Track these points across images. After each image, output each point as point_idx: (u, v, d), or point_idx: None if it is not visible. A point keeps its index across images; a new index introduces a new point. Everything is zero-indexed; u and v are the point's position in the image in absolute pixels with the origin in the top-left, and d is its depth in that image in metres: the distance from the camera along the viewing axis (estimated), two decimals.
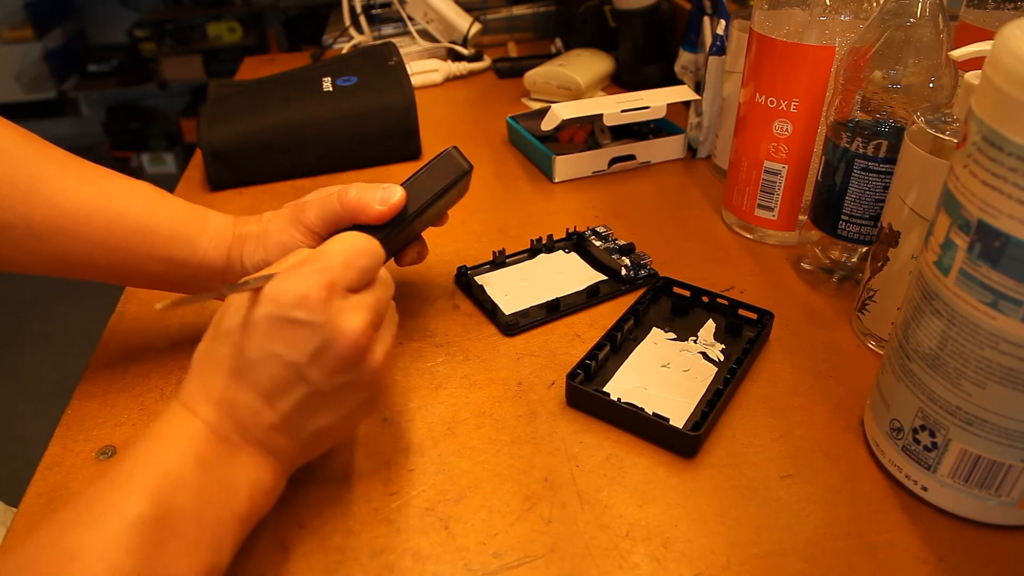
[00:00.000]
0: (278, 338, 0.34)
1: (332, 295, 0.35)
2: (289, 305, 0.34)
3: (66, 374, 1.93)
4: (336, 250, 0.37)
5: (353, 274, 0.36)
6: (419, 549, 0.39)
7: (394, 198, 0.44)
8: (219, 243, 0.46)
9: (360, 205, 0.44)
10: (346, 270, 0.36)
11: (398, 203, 0.44)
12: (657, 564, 0.38)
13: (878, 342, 0.51)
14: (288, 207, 0.47)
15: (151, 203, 0.45)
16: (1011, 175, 0.30)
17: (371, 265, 0.38)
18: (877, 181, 0.51)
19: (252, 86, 0.84)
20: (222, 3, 2.83)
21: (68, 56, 3.00)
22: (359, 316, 0.35)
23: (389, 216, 0.44)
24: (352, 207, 0.44)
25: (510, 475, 0.43)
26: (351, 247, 0.37)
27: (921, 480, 0.40)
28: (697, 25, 0.84)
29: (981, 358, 0.34)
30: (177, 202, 0.47)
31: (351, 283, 0.36)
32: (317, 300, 0.34)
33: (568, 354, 0.52)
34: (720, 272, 0.60)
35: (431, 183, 0.46)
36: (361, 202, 0.44)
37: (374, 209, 0.44)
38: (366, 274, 0.37)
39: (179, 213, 0.46)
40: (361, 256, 0.37)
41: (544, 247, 0.63)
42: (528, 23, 1.19)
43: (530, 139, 0.79)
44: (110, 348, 0.53)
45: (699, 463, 0.43)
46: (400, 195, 0.44)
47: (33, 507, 0.41)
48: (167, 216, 0.45)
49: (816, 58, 0.55)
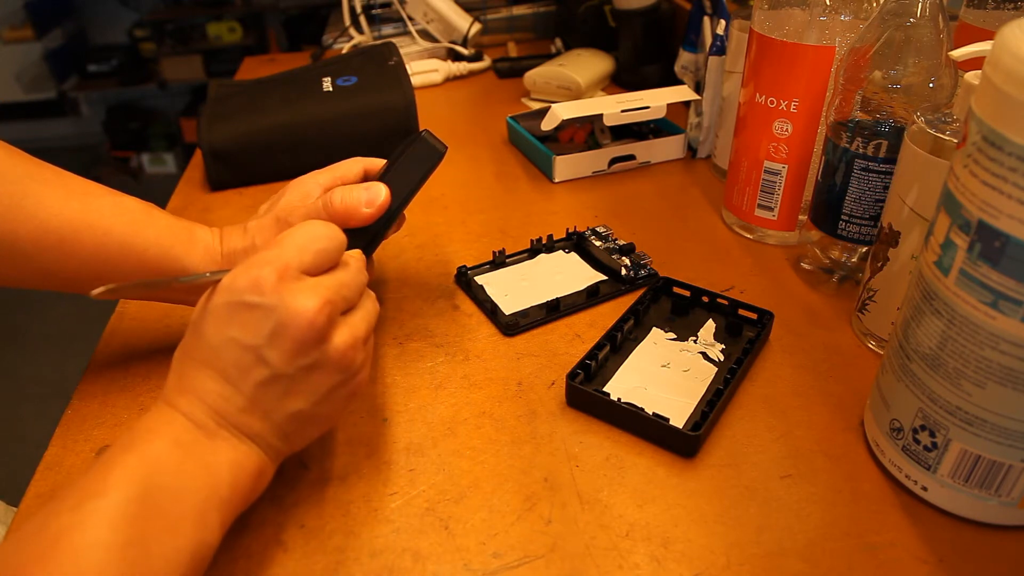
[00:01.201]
0: (234, 323, 0.35)
1: (284, 278, 0.35)
2: (242, 290, 0.35)
3: (66, 374, 1.93)
4: (292, 235, 0.37)
5: (309, 257, 0.37)
6: (419, 549, 0.39)
7: (380, 198, 0.44)
8: (208, 260, 0.46)
9: (348, 211, 0.44)
10: (301, 253, 0.36)
11: (384, 202, 0.44)
12: (657, 564, 0.38)
13: (878, 342, 0.51)
14: (270, 217, 0.46)
15: (138, 219, 0.45)
16: (1011, 175, 0.30)
17: (328, 247, 0.38)
18: (877, 181, 0.51)
19: (252, 86, 0.84)
20: (222, 3, 2.83)
21: (68, 56, 3.00)
22: (313, 297, 0.35)
23: (376, 217, 0.44)
24: (339, 213, 0.44)
25: (510, 475, 0.43)
26: (307, 232, 0.38)
27: (921, 480, 0.40)
28: (697, 25, 0.84)
29: (981, 358, 0.34)
30: (164, 217, 0.46)
31: (307, 266, 0.37)
32: (269, 283, 0.35)
33: (568, 354, 0.52)
34: (720, 272, 0.60)
35: (411, 172, 0.46)
36: (348, 208, 0.44)
37: (362, 213, 0.44)
38: (323, 256, 0.37)
39: (166, 229, 0.46)
40: (317, 240, 0.37)
41: (544, 247, 0.63)
42: (528, 23, 1.19)
43: (530, 139, 0.79)
44: (110, 348, 0.53)
45: (699, 463, 0.43)
46: (385, 194, 0.44)
47: (33, 507, 0.41)
48: (154, 232, 0.45)
49: (816, 58, 0.55)
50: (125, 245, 0.44)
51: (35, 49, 2.89)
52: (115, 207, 0.45)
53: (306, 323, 0.35)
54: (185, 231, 0.46)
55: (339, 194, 0.44)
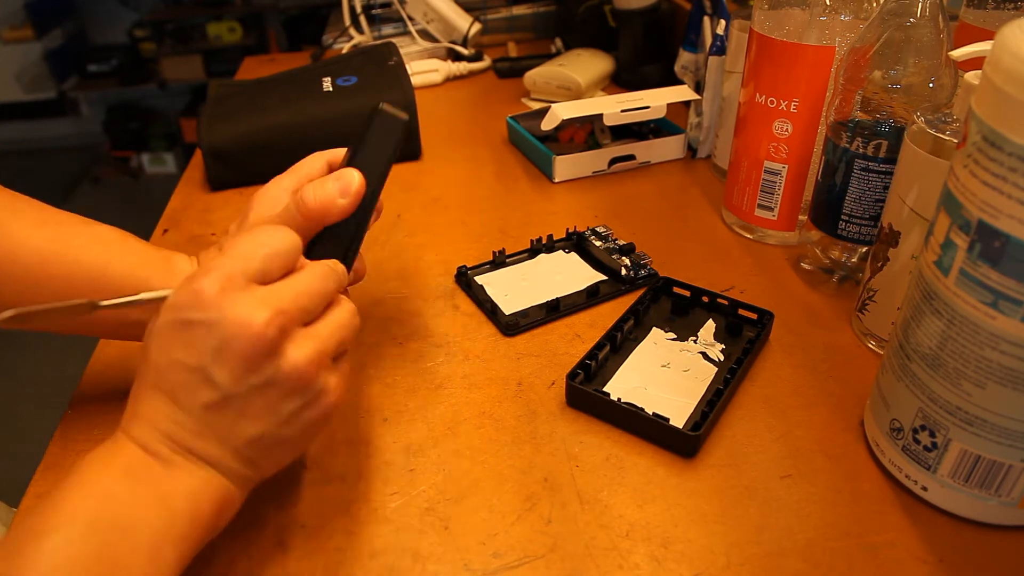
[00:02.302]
0: (176, 343, 0.32)
1: (228, 288, 0.32)
2: (183, 306, 0.32)
3: (66, 375, 1.93)
4: (237, 242, 0.34)
5: (256, 264, 0.33)
6: (419, 549, 0.39)
7: (354, 184, 0.40)
8: None
9: (323, 207, 0.39)
10: (247, 260, 0.33)
11: (360, 187, 0.40)
12: (657, 564, 0.38)
13: (878, 342, 0.51)
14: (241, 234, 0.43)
15: (111, 249, 0.43)
16: (1011, 175, 0.30)
17: (279, 250, 0.34)
18: (877, 181, 0.51)
19: (252, 86, 0.84)
20: (222, 3, 2.83)
21: (68, 56, 3.00)
22: (260, 306, 0.32)
23: (355, 205, 0.40)
24: (315, 212, 0.39)
25: (510, 475, 0.43)
26: (254, 237, 0.34)
27: (921, 480, 0.40)
28: (697, 25, 0.84)
29: (981, 358, 0.34)
30: (140, 246, 0.44)
31: (255, 274, 0.33)
32: (210, 295, 0.32)
33: (568, 354, 0.52)
34: (720, 272, 0.60)
35: (379, 151, 0.41)
36: (322, 203, 0.39)
37: (338, 205, 0.39)
38: (273, 261, 0.34)
39: (141, 257, 0.43)
40: (264, 244, 0.34)
41: (544, 247, 0.63)
42: (528, 23, 1.19)
43: (530, 139, 0.79)
44: (110, 348, 0.53)
45: (699, 463, 0.43)
46: (359, 179, 0.40)
47: (33, 507, 0.41)
48: (129, 261, 0.43)
49: (816, 58, 0.55)
50: (96, 274, 0.42)
51: (35, 49, 2.89)
52: (88, 236, 0.43)
53: (253, 336, 0.31)
54: (161, 259, 0.44)
55: (310, 191, 0.39)
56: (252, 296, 0.33)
